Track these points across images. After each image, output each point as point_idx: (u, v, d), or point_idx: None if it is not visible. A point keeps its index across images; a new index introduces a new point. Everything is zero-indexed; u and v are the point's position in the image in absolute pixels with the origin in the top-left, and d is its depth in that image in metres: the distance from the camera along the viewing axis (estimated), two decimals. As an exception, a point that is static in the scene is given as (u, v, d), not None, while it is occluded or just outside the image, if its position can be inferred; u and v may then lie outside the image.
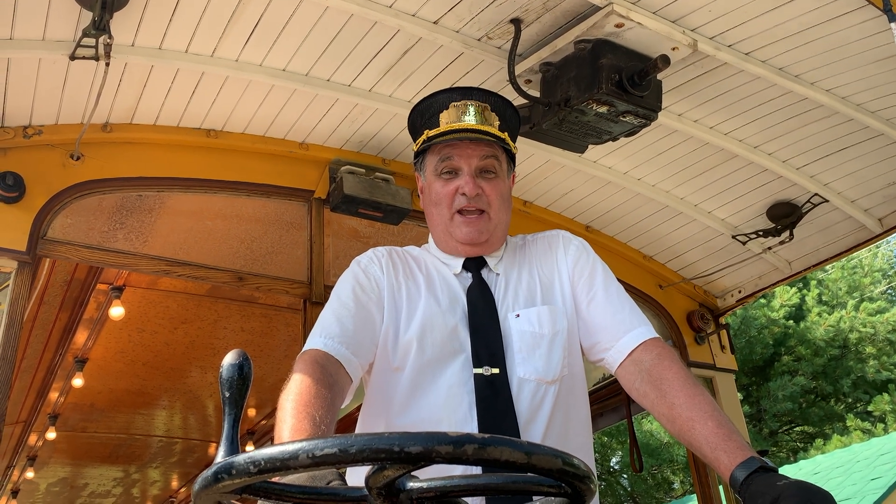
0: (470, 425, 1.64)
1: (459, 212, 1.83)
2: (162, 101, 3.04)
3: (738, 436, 1.50)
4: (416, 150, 1.93)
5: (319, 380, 1.55)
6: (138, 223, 3.17)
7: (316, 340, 1.68)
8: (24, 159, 2.92)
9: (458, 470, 1.40)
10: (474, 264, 1.87)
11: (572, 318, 1.81)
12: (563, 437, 1.70)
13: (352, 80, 3.06)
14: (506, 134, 1.89)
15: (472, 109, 1.86)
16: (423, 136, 1.88)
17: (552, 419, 1.70)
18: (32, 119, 2.94)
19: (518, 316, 1.77)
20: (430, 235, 1.98)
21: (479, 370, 1.69)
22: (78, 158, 3.02)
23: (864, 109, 3.15)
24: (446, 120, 1.85)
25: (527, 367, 1.71)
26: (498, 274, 1.87)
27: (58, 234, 2.95)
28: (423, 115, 1.90)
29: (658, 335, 1.76)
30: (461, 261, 1.87)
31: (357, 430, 1.82)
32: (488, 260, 1.88)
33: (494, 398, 1.66)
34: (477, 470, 1.44)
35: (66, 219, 2.99)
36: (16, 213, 2.84)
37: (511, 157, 1.93)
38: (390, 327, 1.76)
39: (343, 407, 1.73)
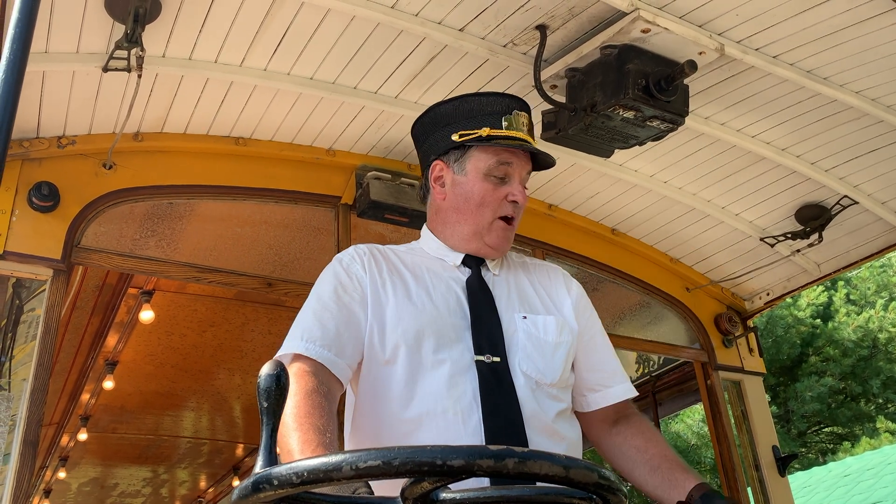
0: (475, 413, 1.65)
1: (502, 218, 1.86)
2: (192, 111, 3.09)
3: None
4: (466, 140, 1.87)
5: (314, 390, 1.57)
6: (169, 230, 3.22)
7: (296, 344, 1.69)
8: (58, 169, 2.98)
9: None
10: (474, 261, 1.90)
11: (575, 337, 1.88)
12: (562, 433, 1.76)
13: (378, 88, 3.09)
14: None
15: (528, 123, 1.91)
16: (483, 132, 1.85)
17: (553, 414, 1.75)
18: (66, 129, 3.00)
19: (525, 318, 1.81)
20: (423, 229, 1.98)
21: (481, 357, 1.71)
22: (110, 168, 3.07)
23: (894, 111, 3.11)
24: (509, 125, 1.86)
25: (529, 364, 1.75)
26: (496, 274, 1.91)
27: (91, 243, 3.01)
28: (485, 108, 1.88)
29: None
30: (461, 256, 1.90)
31: (351, 429, 1.80)
32: (487, 260, 1.93)
33: (498, 385, 1.68)
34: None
35: (99, 227, 3.04)
36: (51, 221, 2.90)
37: None
38: (375, 324, 1.75)
39: None
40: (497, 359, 1.72)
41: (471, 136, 1.87)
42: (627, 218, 4.01)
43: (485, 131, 1.85)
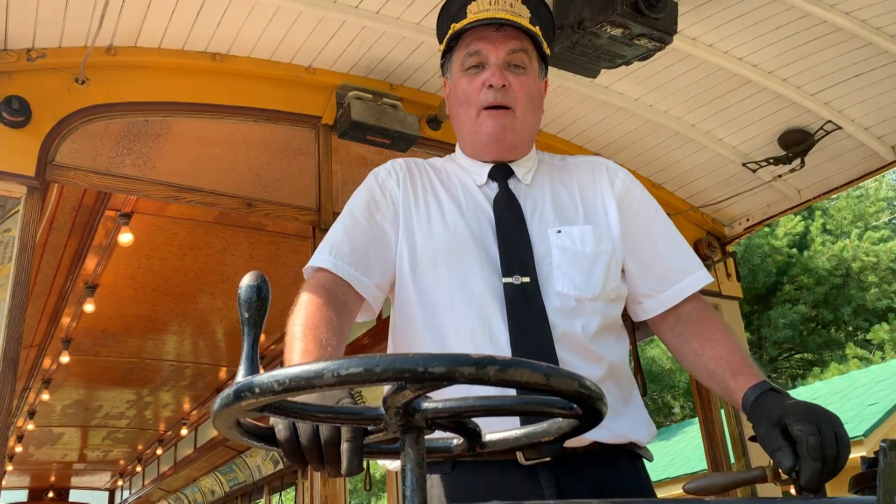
0: (503, 335, 1.60)
1: (486, 108, 1.75)
2: (166, 24, 2.98)
3: (756, 366, 1.58)
4: (442, 49, 1.83)
5: (326, 303, 1.55)
6: (146, 148, 3.16)
7: (324, 258, 1.66)
8: (29, 83, 2.88)
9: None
10: (501, 174, 1.80)
11: (618, 245, 1.75)
12: (600, 352, 1.65)
13: (359, 2, 2.99)
14: (538, 29, 1.79)
15: (501, 0, 1.76)
16: (450, 32, 1.79)
17: (590, 332, 1.65)
18: (35, 42, 2.89)
19: (559, 232, 1.72)
20: (457, 144, 1.91)
21: (509, 279, 1.64)
22: (83, 83, 2.98)
23: (883, 33, 3.08)
24: (474, 11, 1.76)
25: (565, 281, 1.66)
26: (527, 185, 1.80)
27: (66, 160, 2.94)
28: (450, 10, 1.81)
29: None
30: (487, 168, 1.80)
31: (388, 349, 1.80)
32: (516, 169, 1.81)
33: (526, 307, 1.62)
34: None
35: (74, 144, 2.97)
36: (23, 137, 2.82)
37: (544, 59, 1.84)
38: (405, 243, 1.71)
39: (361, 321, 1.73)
40: (526, 279, 1.64)
41: (445, 42, 1.82)
42: (611, 142, 3.99)
43: (452, 29, 1.78)
